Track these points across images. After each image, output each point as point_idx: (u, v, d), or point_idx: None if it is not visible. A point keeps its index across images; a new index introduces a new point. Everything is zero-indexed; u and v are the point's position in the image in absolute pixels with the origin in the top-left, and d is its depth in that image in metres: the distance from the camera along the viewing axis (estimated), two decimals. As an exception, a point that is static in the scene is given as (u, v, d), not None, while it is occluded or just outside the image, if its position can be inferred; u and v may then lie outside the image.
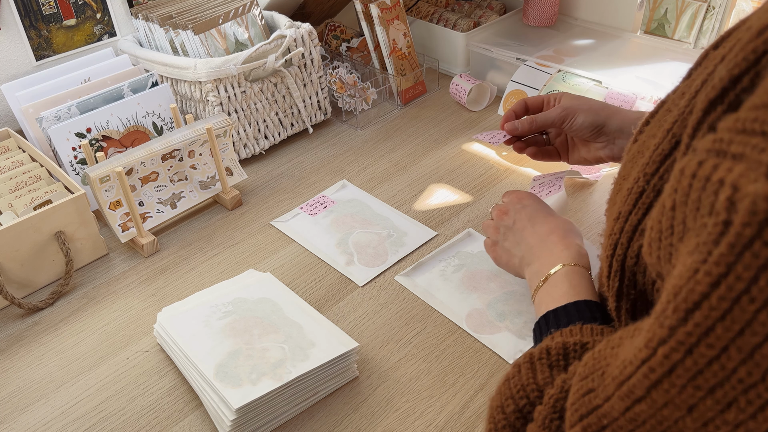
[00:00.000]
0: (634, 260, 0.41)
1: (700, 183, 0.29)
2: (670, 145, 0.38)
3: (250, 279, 0.77)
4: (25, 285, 0.82)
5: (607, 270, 0.44)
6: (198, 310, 0.71)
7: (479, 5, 1.35)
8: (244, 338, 0.66)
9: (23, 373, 0.72)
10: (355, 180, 1.00)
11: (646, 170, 0.40)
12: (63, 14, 1.10)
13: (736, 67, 0.32)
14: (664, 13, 1.75)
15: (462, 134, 1.11)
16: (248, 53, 0.98)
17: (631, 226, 0.41)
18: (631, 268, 0.41)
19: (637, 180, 0.40)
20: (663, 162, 0.38)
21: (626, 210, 0.41)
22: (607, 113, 0.75)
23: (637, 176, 0.41)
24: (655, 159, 0.39)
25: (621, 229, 0.41)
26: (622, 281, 0.42)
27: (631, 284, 0.42)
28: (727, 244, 0.27)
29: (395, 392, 0.67)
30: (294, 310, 0.71)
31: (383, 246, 0.86)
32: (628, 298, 0.43)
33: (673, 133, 0.38)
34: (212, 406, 0.62)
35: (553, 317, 0.55)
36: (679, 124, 0.38)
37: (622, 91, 1.01)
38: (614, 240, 0.42)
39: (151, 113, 0.97)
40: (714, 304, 0.27)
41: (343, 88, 1.16)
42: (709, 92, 0.33)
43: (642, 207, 0.40)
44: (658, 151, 0.39)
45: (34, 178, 0.89)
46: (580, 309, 0.54)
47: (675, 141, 0.38)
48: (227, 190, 0.96)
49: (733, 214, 0.27)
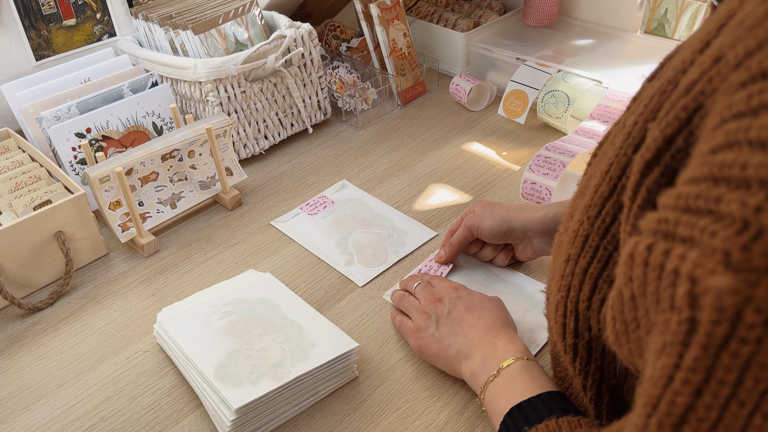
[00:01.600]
0: (586, 303, 0.40)
1: (654, 273, 0.28)
2: (608, 187, 0.37)
3: (250, 279, 0.77)
4: (25, 285, 0.82)
5: (562, 310, 0.42)
6: (198, 310, 0.71)
7: (479, 5, 1.35)
8: (244, 338, 0.66)
9: (23, 373, 0.72)
10: (355, 180, 1.00)
11: (589, 213, 0.39)
12: (63, 14, 1.10)
13: (668, 127, 0.31)
14: (664, 13, 1.75)
15: (462, 134, 1.11)
16: (248, 53, 0.98)
17: (581, 269, 0.40)
18: (584, 312, 0.40)
19: (581, 222, 0.40)
20: (604, 204, 0.38)
21: (575, 253, 0.40)
22: (511, 216, 0.74)
23: (580, 218, 0.40)
24: (596, 202, 0.38)
25: (572, 271, 0.41)
26: (576, 322, 0.41)
27: (585, 326, 0.41)
28: (699, 345, 0.25)
29: (395, 392, 0.67)
30: (294, 310, 0.71)
31: (383, 246, 0.86)
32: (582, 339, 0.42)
33: (611, 176, 0.37)
34: (212, 406, 0.62)
35: (520, 412, 0.52)
36: (615, 166, 0.37)
37: (622, 91, 1.01)
38: (567, 282, 0.41)
39: (151, 113, 0.97)
40: (702, 416, 0.25)
41: (343, 88, 1.16)
42: (644, 153, 0.32)
43: (589, 250, 0.39)
44: (598, 193, 0.38)
45: (34, 178, 0.89)
46: (550, 401, 0.52)
47: (613, 183, 0.37)
48: (227, 190, 0.96)
49: (698, 312, 0.25)
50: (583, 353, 0.42)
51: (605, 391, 0.43)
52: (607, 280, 0.38)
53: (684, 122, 0.30)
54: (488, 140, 1.09)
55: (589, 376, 0.43)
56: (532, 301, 0.75)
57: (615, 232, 0.37)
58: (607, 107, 1.00)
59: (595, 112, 1.01)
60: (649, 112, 0.34)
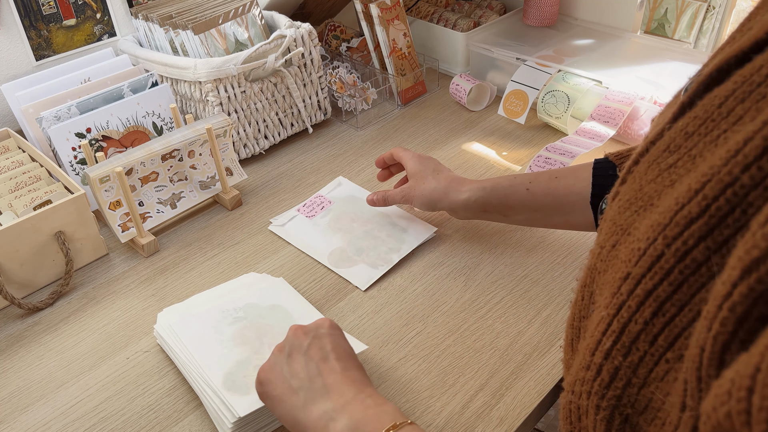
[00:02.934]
0: (640, 326, 0.37)
1: None
2: (699, 207, 0.33)
3: (265, 283, 0.77)
4: (25, 285, 0.81)
5: (603, 327, 0.40)
6: (209, 314, 0.70)
7: (479, 5, 1.35)
8: (254, 346, 0.66)
9: (23, 373, 0.72)
10: (355, 180, 1.00)
11: (666, 233, 0.35)
12: (63, 14, 1.10)
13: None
14: (664, 13, 1.75)
15: (462, 134, 1.11)
16: (248, 53, 0.98)
17: (643, 291, 0.37)
18: (633, 334, 0.38)
19: (651, 240, 0.36)
20: (689, 225, 0.34)
21: (638, 273, 0.37)
22: (437, 197, 0.81)
23: (650, 236, 0.37)
24: (679, 221, 0.34)
25: (630, 291, 0.38)
26: (614, 343, 0.39)
27: (623, 350, 0.38)
28: None
29: (395, 392, 0.67)
30: (305, 319, 0.71)
31: (382, 245, 0.86)
32: (612, 362, 0.39)
33: (704, 195, 0.33)
34: (212, 407, 0.62)
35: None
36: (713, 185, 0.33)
37: (622, 91, 1.01)
38: (620, 300, 0.38)
39: (151, 113, 0.97)
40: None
41: (343, 88, 1.16)
42: None
43: (659, 271, 0.36)
44: (683, 212, 0.34)
45: (34, 178, 0.89)
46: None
47: (706, 204, 0.33)
48: (227, 190, 0.96)
49: None
50: (606, 377, 0.40)
51: (618, 416, 0.41)
52: (676, 304, 0.35)
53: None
54: (488, 140, 1.09)
55: (605, 400, 0.41)
56: None
57: (697, 256, 0.34)
58: (608, 107, 1.00)
59: (595, 113, 1.01)
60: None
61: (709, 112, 0.38)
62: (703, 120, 0.38)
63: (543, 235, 0.87)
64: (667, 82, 1.03)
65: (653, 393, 0.38)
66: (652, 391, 0.38)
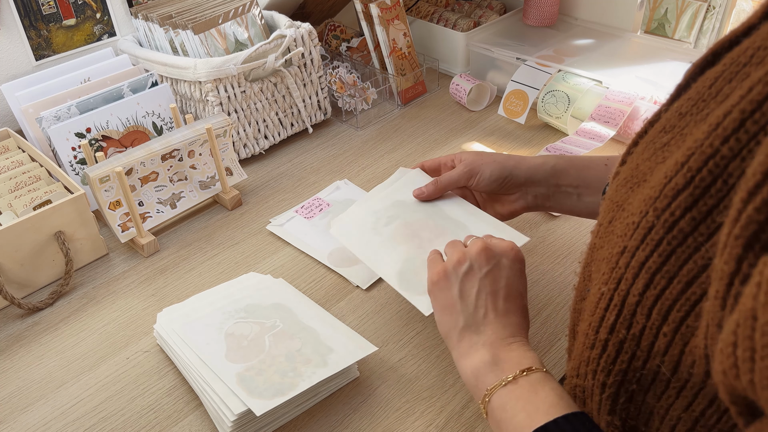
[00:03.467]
0: (637, 298, 0.38)
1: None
2: (684, 179, 0.35)
3: (265, 283, 0.77)
4: (25, 285, 0.81)
5: (605, 303, 0.41)
6: (212, 317, 0.70)
7: (479, 5, 1.35)
8: (262, 347, 0.66)
9: (23, 373, 0.72)
10: (355, 180, 1.00)
11: (656, 205, 0.37)
12: (63, 14, 1.10)
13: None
14: (664, 13, 1.75)
15: (462, 134, 1.11)
16: (248, 53, 0.98)
17: (638, 263, 0.38)
18: (631, 307, 0.39)
19: (643, 214, 0.38)
20: (675, 197, 0.35)
21: (633, 245, 0.38)
22: (513, 163, 0.72)
23: (642, 209, 0.38)
24: (667, 194, 0.36)
25: (627, 264, 0.39)
26: (617, 317, 0.40)
27: (626, 323, 0.39)
28: None
29: (395, 392, 0.67)
30: (309, 316, 0.71)
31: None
32: (617, 336, 0.40)
33: (689, 167, 0.35)
34: (213, 406, 0.62)
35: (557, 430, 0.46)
36: (696, 158, 0.34)
37: (622, 91, 1.01)
38: (619, 274, 0.39)
39: (150, 113, 0.97)
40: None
41: (343, 88, 1.16)
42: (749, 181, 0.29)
43: (650, 243, 0.37)
44: (671, 185, 0.36)
45: (34, 178, 0.89)
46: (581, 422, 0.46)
47: (690, 176, 0.35)
48: (227, 190, 0.96)
49: None
50: (612, 351, 0.41)
51: (623, 393, 0.42)
52: (665, 276, 0.36)
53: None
54: (488, 140, 1.09)
55: (611, 376, 0.41)
56: None
57: (683, 227, 0.35)
58: (608, 107, 1.00)
59: (595, 113, 1.01)
60: (749, 102, 0.32)
61: (701, 93, 0.39)
62: (695, 101, 0.39)
63: (543, 235, 0.87)
64: (667, 82, 1.03)
65: (659, 367, 0.38)
66: (658, 365, 0.38)
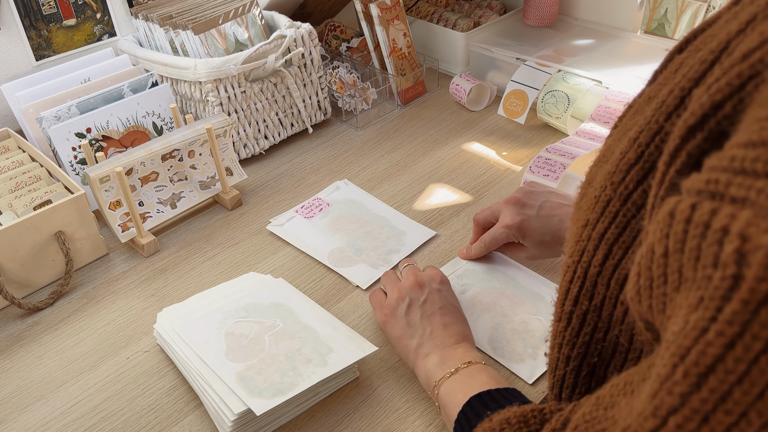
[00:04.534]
0: (597, 269, 0.40)
1: (697, 230, 0.28)
2: (636, 154, 0.38)
3: (264, 283, 0.77)
4: (25, 285, 0.82)
5: (570, 275, 0.43)
6: (211, 316, 0.70)
7: (479, 5, 1.35)
8: (262, 346, 0.66)
9: (23, 373, 0.72)
10: (355, 180, 1.00)
11: (613, 179, 0.39)
12: (63, 14, 1.10)
13: (718, 93, 0.31)
14: (664, 13, 1.75)
15: (462, 134, 1.11)
16: (248, 53, 0.98)
17: (597, 234, 0.40)
18: (592, 278, 0.41)
19: (603, 188, 0.40)
20: (629, 171, 0.38)
21: (594, 218, 0.40)
22: (561, 215, 0.72)
23: (603, 184, 0.40)
24: (621, 168, 0.38)
25: (588, 236, 0.41)
26: (580, 289, 0.42)
27: (588, 294, 0.41)
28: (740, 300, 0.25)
29: (395, 392, 0.67)
30: (309, 316, 0.71)
31: (382, 246, 0.86)
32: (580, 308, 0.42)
33: (639, 143, 0.37)
34: (213, 406, 0.62)
35: (479, 401, 0.53)
36: (645, 134, 0.37)
37: (622, 91, 1.01)
38: (582, 246, 0.41)
39: (151, 113, 0.97)
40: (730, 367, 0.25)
41: (343, 88, 1.16)
42: (688, 118, 0.32)
43: (608, 215, 0.39)
44: (624, 160, 0.38)
45: (34, 178, 0.89)
46: (509, 395, 0.53)
47: (641, 150, 0.37)
48: (227, 190, 0.96)
49: (745, 268, 0.25)
50: (576, 323, 0.42)
51: (585, 366, 0.43)
52: (622, 246, 0.39)
53: (736, 89, 0.30)
54: (488, 140, 1.09)
55: (575, 348, 0.43)
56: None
57: (636, 199, 0.38)
58: (608, 108, 1.00)
59: (595, 113, 1.01)
60: (688, 80, 0.34)
61: (667, 78, 0.41)
62: (661, 85, 0.41)
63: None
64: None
65: (617, 337, 0.40)
66: (617, 335, 0.40)
